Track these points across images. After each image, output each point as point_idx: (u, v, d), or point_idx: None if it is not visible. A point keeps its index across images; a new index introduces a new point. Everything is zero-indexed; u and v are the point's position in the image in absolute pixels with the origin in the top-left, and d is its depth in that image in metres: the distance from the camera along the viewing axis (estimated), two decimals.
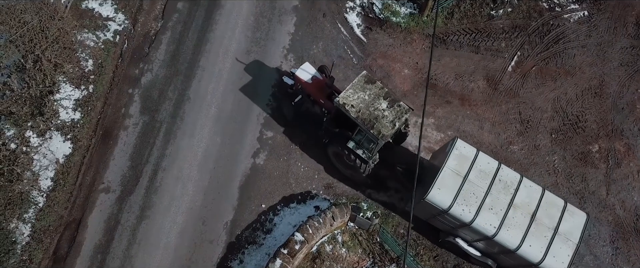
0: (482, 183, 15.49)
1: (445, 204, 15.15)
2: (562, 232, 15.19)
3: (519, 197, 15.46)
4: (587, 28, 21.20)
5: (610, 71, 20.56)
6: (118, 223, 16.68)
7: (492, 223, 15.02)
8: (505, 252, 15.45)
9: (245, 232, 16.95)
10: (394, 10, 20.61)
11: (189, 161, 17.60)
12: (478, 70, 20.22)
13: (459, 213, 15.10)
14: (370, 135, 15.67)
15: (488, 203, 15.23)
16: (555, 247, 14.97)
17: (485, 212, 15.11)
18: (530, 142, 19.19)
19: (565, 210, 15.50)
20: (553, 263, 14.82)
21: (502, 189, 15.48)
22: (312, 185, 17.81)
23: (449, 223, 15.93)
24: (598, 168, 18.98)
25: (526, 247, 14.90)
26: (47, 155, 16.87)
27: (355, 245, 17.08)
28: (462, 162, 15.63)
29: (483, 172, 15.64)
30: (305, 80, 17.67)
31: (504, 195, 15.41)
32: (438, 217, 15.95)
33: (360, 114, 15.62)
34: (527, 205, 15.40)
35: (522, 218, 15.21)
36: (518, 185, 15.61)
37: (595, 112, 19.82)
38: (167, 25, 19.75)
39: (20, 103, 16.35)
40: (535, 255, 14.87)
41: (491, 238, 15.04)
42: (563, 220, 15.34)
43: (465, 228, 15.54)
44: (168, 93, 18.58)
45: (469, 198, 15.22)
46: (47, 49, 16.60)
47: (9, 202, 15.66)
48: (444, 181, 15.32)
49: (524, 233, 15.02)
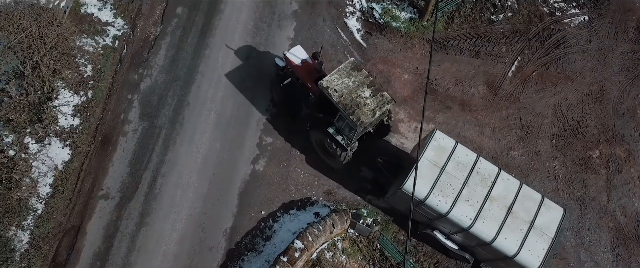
0: (460, 175, 15.49)
1: (422, 194, 15.15)
2: (538, 226, 15.18)
3: (496, 190, 15.45)
4: (587, 33, 21.15)
5: (610, 76, 20.52)
6: (117, 230, 16.60)
7: (468, 215, 15.01)
8: (481, 245, 15.42)
9: (244, 239, 16.89)
10: (394, 15, 20.56)
11: (189, 167, 17.53)
12: (478, 75, 20.16)
13: (435, 203, 15.11)
14: (349, 121, 15.74)
15: (465, 194, 15.24)
16: (530, 241, 14.96)
17: (461, 204, 15.11)
18: (530, 148, 19.13)
19: (542, 205, 15.51)
20: (528, 257, 14.80)
21: (480, 181, 15.49)
22: (312, 192, 17.75)
23: (426, 214, 15.93)
24: (599, 174, 18.94)
25: (501, 240, 14.87)
26: (46, 161, 16.79)
27: (356, 252, 17.02)
28: (440, 153, 15.68)
29: (461, 164, 15.65)
30: (295, 63, 17.74)
31: (481, 188, 15.41)
32: (415, 208, 15.93)
33: (342, 99, 15.70)
34: (504, 197, 15.41)
35: (499, 210, 15.19)
36: (495, 178, 15.63)
37: (596, 118, 19.77)
38: (166, 30, 19.68)
39: (19, 110, 16.27)
40: (510, 248, 14.83)
41: (467, 230, 15.03)
42: (539, 214, 15.33)
43: (441, 219, 15.54)
44: (167, 98, 18.51)
45: (446, 190, 15.23)
46: (46, 55, 16.52)
47: (8, 209, 15.58)
48: (421, 171, 15.32)
49: (499, 226, 15.00)
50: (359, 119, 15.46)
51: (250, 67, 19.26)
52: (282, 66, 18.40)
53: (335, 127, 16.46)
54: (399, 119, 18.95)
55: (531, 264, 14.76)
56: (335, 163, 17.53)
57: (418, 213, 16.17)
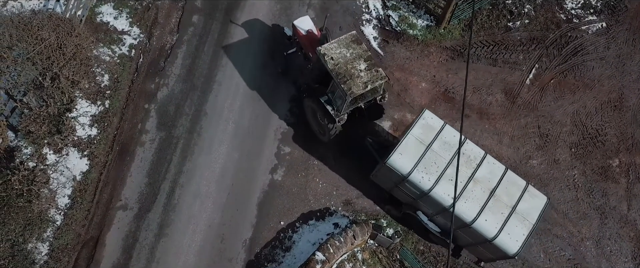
0: (445, 154, 15.50)
1: (405, 170, 15.19)
2: (519, 211, 15.14)
3: (480, 172, 15.46)
4: (605, 40, 21.02)
5: (629, 84, 20.39)
6: (136, 241, 16.52)
7: (450, 194, 15.02)
8: (461, 227, 15.37)
9: (264, 250, 16.80)
10: (411, 22, 20.45)
11: (207, 177, 17.45)
12: (496, 83, 20.04)
13: (417, 180, 15.13)
14: (340, 90, 15.92)
15: (449, 174, 15.23)
16: (511, 225, 14.92)
17: (444, 182, 15.12)
18: (549, 157, 19.01)
19: (526, 191, 15.50)
20: (507, 241, 14.76)
21: (465, 162, 15.50)
22: (331, 202, 17.65)
23: (409, 192, 15.94)
24: (619, 183, 18.81)
25: (482, 221, 14.86)
26: (64, 172, 16.73)
27: (376, 263, 16.92)
28: (428, 131, 15.74)
29: (447, 144, 15.68)
30: (301, 32, 18.16)
31: (466, 168, 15.41)
32: (399, 186, 15.95)
33: (336, 67, 15.94)
34: (488, 180, 15.40)
35: (481, 193, 15.18)
36: (481, 161, 15.65)
37: (615, 126, 19.65)
38: (182, 39, 19.59)
39: (39, 122, 16.20)
40: (489, 231, 14.81)
41: (448, 209, 15.02)
42: (522, 200, 15.31)
43: (424, 199, 15.54)
44: (185, 108, 18.43)
45: (430, 167, 15.24)
46: (65, 65, 16.44)
47: (28, 222, 15.51)
48: (406, 147, 15.41)
49: (481, 208, 14.99)
50: (350, 89, 15.66)
51: (268, 76, 19.17)
52: (289, 35, 19.03)
53: (328, 97, 16.67)
54: None
55: (510, 248, 14.75)
56: (325, 136, 17.67)
57: (402, 192, 16.21)
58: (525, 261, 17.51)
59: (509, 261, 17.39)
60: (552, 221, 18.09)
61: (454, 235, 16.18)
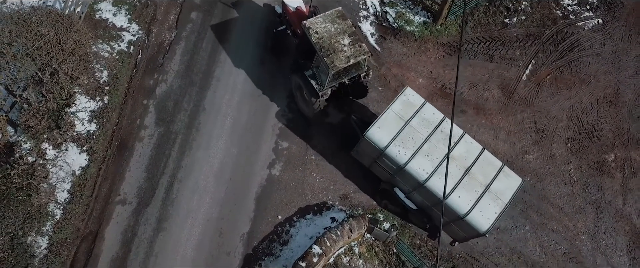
0: (423, 131, 15.83)
1: (383, 143, 15.50)
2: (493, 190, 15.39)
3: (457, 150, 15.74)
4: (601, 36, 21.14)
5: (625, 79, 20.51)
6: (135, 235, 16.66)
7: (425, 169, 15.29)
8: (435, 204, 15.64)
9: (262, 244, 16.93)
10: (408, 19, 20.58)
11: (205, 172, 17.59)
12: (492, 79, 20.17)
13: (394, 154, 15.42)
14: (323, 63, 16.24)
15: (425, 149, 15.53)
16: (483, 203, 15.17)
17: (420, 157, 15.41)
18: (545, 151, 19.13)
19: (501, 172, 15.74)
20: (479, 218, 15.01)
21: (442, 139, 15.79)
22: (328, 196, 17.79)
23: (386, 167, 16.19)
24: (614, 178, 18.92)
25: (455, 198, 15.12)
26: (64, 167, 16.86)
27: (372, 256, 17.05)
28: (408, 108, 16.06)
29: (426, 121, 15.99)
30: (290, 9, 18.56)
31: (443, 145, 15.68)
32: (377, 161, 16.21)
33: (320, 41, 16.24)
34: (464, 159, 15.65)
35: (457, 170, 15.45)
36: (459, 139, 15.93)
37: (611, 121, 19.76)
38: (181, 36, 19.73)
39: (39, 116, 16.34)
40: (462, 207, 15.06)
41: (422, 184, 15.27)
42: (497, 180, 15.57)
43: (400, 174, 15.78)
44: (183, 104, 18.57)
45: (407, 142, 15.56)
46: (64, 61, 16.58)
47: (28, 216, 15.65)
48: (385, 122, 15.73)
49: (455, 184, 15.23)
50: (332, 63, 15.97)
51: (265, 72, 19.30)
52: (279, 13, 19.46)
53: (312, 72, 17.01)
54: None
55: (481, 225, 15.01)
56: (309, 110, 18.00)
57: (380, 167, 16.48)
58: (521, 255, 17.63)
59: (503, 253, 17.53)
60: (548, 215, 18.21)
61: (429, 214, 16.57)
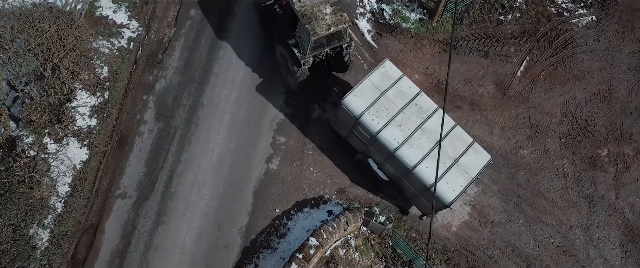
0: (398, 102, 16.31)
1: (358, 111, 16.02)
2: (461, 164, 15.84)
3: (429, 123, 16.20)
4: (595, 33, 21.41)
5: (618, 75, 20.78)
6: (134, 228, 16.94)
7: (396, 138, 15.79)
8: (404, 173, 16.07)
9: (259, 237, 17.21)
10: (404, 16, 20.85)
11: (204, 167, 17.86)
12: (487, 75, 20.44)
13: (368, 122, 15.93)
14: (305, 30, 16.72)
15: (398, 120, 16.04)
16: (451, 175, 15.63)
17: (392, 127, 15.92)
18: (539, 146, 19.41)
19: (471, 147, 16.17)
20: (445, 189, 15.47)
21: (416, 112, 16.27)
22: (325, 190, 18.06)
23: (361, 137, 16.68)
24: (607, 172, 19.20)
25: (423, 168, 15.57)
26: (65, 161, 17.13)
27: (368, 249, 17.33)
28: (385, 79, 16.55)
29: (402, 93, 16.46)
30: None
31: (416, 118, 16.18)
32: (353, 131, 16.72)
33: (303, 9, 16.86)
34: (436, 132, 16.07)
35: (427, 141, 15.92)
36: (432, 113, 16.40)
37: (604, 117, 20.04)
38: (180, 32, 20.00)
39: (40, 111, 16.63)
40: (429, 178, 15.51)
41: (393, 153, 15.73)
42: (466, 154, 16.01)
43: (373, 142, 16.26)
44: (182, 99, 18.84)
45: (381, 112, 16.06)
46: (65, 57, 16.86)
47: (30, 208, 15.94)
48: (362, 91, 16.25)
49: (424, 155, 15.70)
50: (313, 30, 16.48)
51: (264, 68, 19.58)
52: None
53: (295, 40, 17.54)
54: None
55: (446, 196, 15.47)
56: (293, 80, 18.46)
57: (355, 138, 16.99)
58: (515, 248, 17.91)
59: (497, 246, 17.80)
60: (542, 209, 18.48)
61: (400, 186, 17.03)
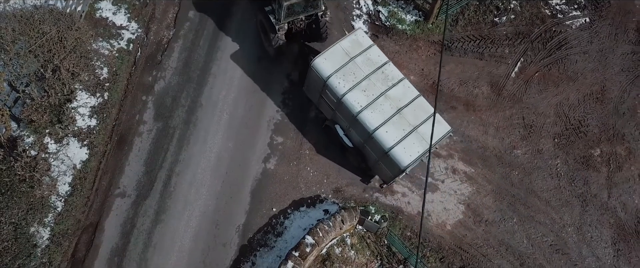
0: (366, 69, 16.92)
1: (326, 73, 16.71)
2: (420, 132, 16.41)
3: (394, 91, 16.78)
4: (588, 34, 21.68)
5: (611, 76, 21.05)
6: (134, 227, 17.20)
7: (359, 102, 16.40)
8: (366, 138, 16.61)
9: (257, 235, 17.48)
10: (400, 17, 21.12)
11: (202, 166, 18.13)
12: (482, 76, 20.71)
13: (335, 84, 16.57)
14: None
15: (363, 85, 16.63)
16: (408, 141, 16.21)
17: (357, 91, 16.53)
18: (533, 147, 19.67)
19: (432, 117, 16.57)
20: (401, 153, 16.03)
21: (382, 80, 16.85)
22: (322, 189, 18.33)
23: (328, 101, 17.30)
24: (600, 172, 19.47)
25: (382, 132, 16.19)
26: (65, 160, 17.40)
27: (364, 247, 17.59)
28: (355, 46, 17.19)
29: (370, 61, 17.07)
30: None
31: (381, 84, 16.76)
32: (322, 96, 17.45)
33: None
34: (399, 100, 16.69)
35: (389, 108, 16.49)
36: (397, 82, 16.95)
37: (597, 117, 20.31)
38: (179, 34, 20.27)
39: (41, 111, 16.90)
40: (388, 141, 16.13)
41: (355, 116, 16.31)
42: (426, 123, 16.60)
43: (339, 106, 16.83)
44: (181, 100, 19.11)
45: (348, 76, 16.69)
46: (66, 58, 17.14)
47: (31, 207, 16.20)
48: (332, 55, 16.96)
49: (385, 120, 16.28)
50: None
51: (262, 69, 19.85)
52: None
53: (271, 7, 18.23)
54: None
55: (402, 160, 16.03)
56: (270, 47, 19.20)
57: (325, 103, 17.70)
58: (508, 247, 18.17)
59: (491, 245, 18.07)
60: (536, 208, 18.75)
61: (363, 154, 17.60)
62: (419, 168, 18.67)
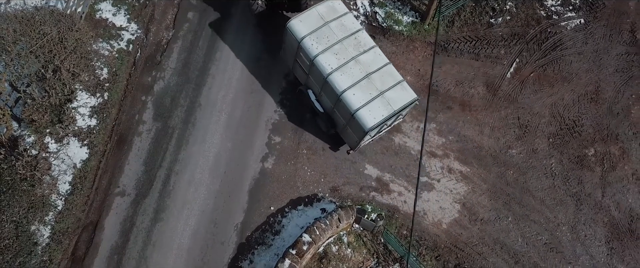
0: (339, 34, 17.49)
1: (300, 34, 17.26)
2: (386, 97, 16.90)
3: (364, 57, 17.36)
4: (583, 35, 21.92)
5: (605, 77, 21.28)
6: (133, 225, 17.42)
7: (330, 64, 17.00)
8: (335, 101, 17.10)
9: (254, 234, 17.70)
10: (397, 18, 21.35)
11: (201, 166, 18.36)
12: (478, 77, 20.94)
13: (308, 46, 17.15)
14: None
15: (336, 48, 17.27)
16: (374, 105, 16.74)
17: (329, 53, 17.13)
18: (528, 146, 19.90)
19: (399, 85, 17.26)
20: (366, 115, 16.57)
21: (354, 45, 17.42)
22: (319, 189, 18.55)
23: (302, 64, 17.81)
24: (594, 172, 19.69)
25: (350, 94, 16.75)
26: (65, 160, 17.62)
27: (360, 245, 17.81)
28: (331, 12, 17.76)
29: (344, 27, 17.66)
30: None
31: (353, 50, 17.36)
32: (297, 60, 18.02)
33: None
34: (369, 65, 17.26)
35: (359, 72, 17.08)
36: (369, 49, 17.49)
37: (591, 117, 20.54)
38: (178, 35, 20.51)
39: (42, 111, 17.12)
40: (354, 103, 16.67)
41: (325, 77, 16.82)
42: (392, 89, 17.10)
43: (311, 69, 17.34)
44: (180, 100, 19.34)
45: (322, 39, 17.27)
46: (66, 59, 17.37)
47: (31, 205, 16.42)
48: (307, 18, 17.52)
49: (353, 83, 16.86)
50: None
51: (260, 69, 20.08)
52: None
53: None
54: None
55: (367, 122, 16.53)
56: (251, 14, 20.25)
57: (299, 67, 18.29)
58: (503, 245, 18.40)
59: (486, 243, 18.29)
60: (530, 207, 18.98)
61: (333, 119, 18.15)
62: (414, 167, 18.95)
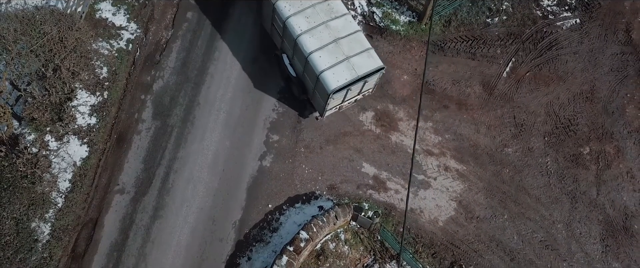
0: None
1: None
2: (352, 62, 17.37)
3: (335, 23, 17.77)
4: (579, 35, 22.11)
5: (601, 76, 21.47)
6: (133, 222, 17.61)
7: (301, 27, 17.51)
8: (303, 63, 17.60)
9: (253, 231, 17.89)
10: (394, 18, 21.55)
11: (200, 164, 18.54)
12: (474, 76, 21.13)
13: (281, 7, 17.78)
14: None
15: (308, 12, 17.76)
16: (339, 68, 17.25)
17: (300, 17, 17.66)
18: (524, 145, 20.08)
19: (366, 52, 17.63)
20: (330, 78, 17.11)
21: (326, 11, 17.92)
22: (316, 186, 18.73)
23: (277, 27, 18.49)
24: (589, 170, 19.88)
25: (316, 56, 17.25)
26: (65, 158, 17.81)
27: (357, 243, 18.00)
28: None
29: None
30: None
31: (324, 15, 17.80)
32: (273, 25, 18.67)
33: None
34: (338, 31, 17.68)
35: (328, 36, 17.53)
36: (340, 16, 17.95)
37: (587, 116, 20.72)
38: (177, 34, 20.70)
39: (42, 109, 17.32)
40: (320, 65, 17.18)
41: (295, 39, 17.42)
42: (359, 56, 17.59)
43: (284, 31, 17.93)
44: (179, 99, 19.53)
45: (295, 4, 17.80)
46: (66, 58, 17.56)
47: (32, 203, 16.61)
48: None
49: (321, 46, 17.33)
50: None
51: (258, 68, 20.27)
52: None
53: None
54: (398, 118, 19.95)
55: (330, 84, 17.00)
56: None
57: (275, 31, 18.90)
58: (499, 242, 18.58)
59: (482, 241, 18.46)
60: (526, 205, 19.16)
61: (304, 85, 18.69)
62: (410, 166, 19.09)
